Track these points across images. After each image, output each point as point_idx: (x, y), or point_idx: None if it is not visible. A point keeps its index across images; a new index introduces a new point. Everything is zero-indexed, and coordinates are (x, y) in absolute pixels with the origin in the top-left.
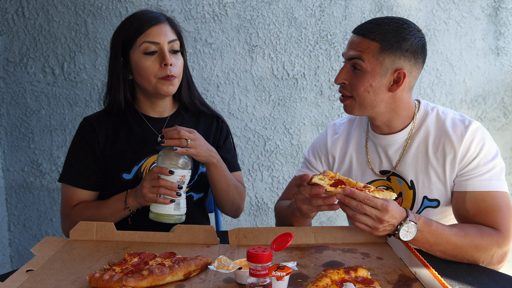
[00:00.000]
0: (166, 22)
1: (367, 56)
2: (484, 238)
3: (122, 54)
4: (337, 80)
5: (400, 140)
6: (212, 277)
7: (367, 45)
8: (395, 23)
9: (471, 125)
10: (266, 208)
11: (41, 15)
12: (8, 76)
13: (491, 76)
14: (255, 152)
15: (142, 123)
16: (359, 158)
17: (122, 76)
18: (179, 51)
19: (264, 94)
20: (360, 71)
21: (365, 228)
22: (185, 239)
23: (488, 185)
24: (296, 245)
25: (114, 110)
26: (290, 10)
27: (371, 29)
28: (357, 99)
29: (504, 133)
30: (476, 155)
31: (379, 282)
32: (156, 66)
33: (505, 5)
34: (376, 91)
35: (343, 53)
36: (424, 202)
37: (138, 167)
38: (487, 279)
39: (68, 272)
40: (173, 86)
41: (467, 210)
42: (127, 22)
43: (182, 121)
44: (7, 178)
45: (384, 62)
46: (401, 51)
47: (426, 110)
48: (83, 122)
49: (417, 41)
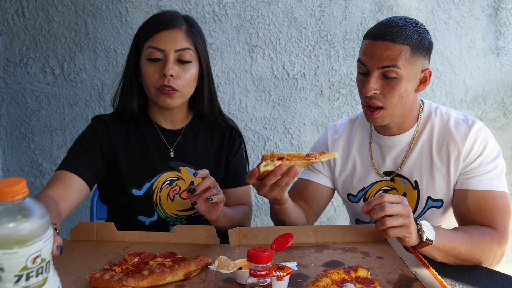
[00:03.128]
0: (180, 28)
1: (402, 62)
2: (486, 239)
3: (135, 55)
4: (368, 91)
5: (405, 141)
6: (212, 277)
7: (399, 50)
8: (411, 22)
9: (474, 124)
10: (266, 208)
11: (41, 15)
12: (8, 76)
13: (491, 76)
14: (255, 152)
15: (155, 134)
16: (363, 159)
17: (135, 79)
18: (188, 62)
19: (264, 94)
20: (396, 79)
21: (399, 232)
22: (185, 239)
23: (490, 185)
24: (296, 244)
25: (127, 115)
26: (290, 10)
27: (397, 32)
28: (389, 108)
29: (504, 133)
30: (479, 154)
31: (379, 282)
32: (156, 74)
33: (505, 5)
34: (409, 95)
35: (362, 60)
36: (428, 203)
37: (150, 184)
38: (487, 279)
39: (68, 272)
40: (172, 100)
41: (468, 208)
42: (143, 24)
43: (196, 134)
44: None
45: (416, 64)
46: (424, 50)
47: (430, 110)
48: (96, 120)
49: (430, 38)
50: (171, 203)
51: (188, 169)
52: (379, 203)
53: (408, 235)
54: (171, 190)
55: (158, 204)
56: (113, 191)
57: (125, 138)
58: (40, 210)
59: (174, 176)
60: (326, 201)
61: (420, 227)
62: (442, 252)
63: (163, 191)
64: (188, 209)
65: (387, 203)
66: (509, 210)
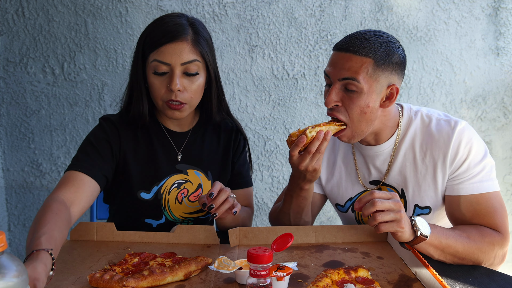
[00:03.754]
0: (186, 39)
1: (362, 75)
2: (485, 239)
3: (142, 60)
4: (328, 103)
5: (386, 151)
6: (213, 277)
7: (360, 63)
8: (380, 36)
9: (457, 126)
10: (266, 208)
11: (41, 15)
12: (8, 76)
13: (491, 76)
14: (255, 152)
15: (163, 136)
16: (348, 169)
17: (144, 87)
18: (195, 74)
19: (264, 94)
20: (356, 92)
21: (391, 227)
22: (186, 239)
23: (481, 187)
24: (297, 244)
25: (138, 122)
26: (290, 10)
27: (361, 44)
28: (352, 125)
29: (504, 133)
30: (465, 157)
31: (379, 282)
32: (163, 88)
33: (505, 5)
34: (372, 111)
35: (325, 71)
36: (416, 210)
37: (158, 188)
38: (487, 279)
39: (68, 272)
40: (180, 113)
41: (463, 213)
42: (149, 28)
43: (203, 136)
44: (7, 178)
45: (379, 79)
46: (392, 65)
47: (410, 116)
48: (105, 121)
49: (402, 53)
50: (179, 206)
51: (196, 171)
52: (369, 199)
53: (400, 229)
54: (179, 193)
55: (166, 207)
56: (120, 193)
57: (133, 140)
58: (16, 268)
59: (182, 179)
60: (318, 208)
61: (415, 223)
62: (439, 250)
63: (171, 194)
64: (195, 212)
65: (378, 199)
66: (504, 209)
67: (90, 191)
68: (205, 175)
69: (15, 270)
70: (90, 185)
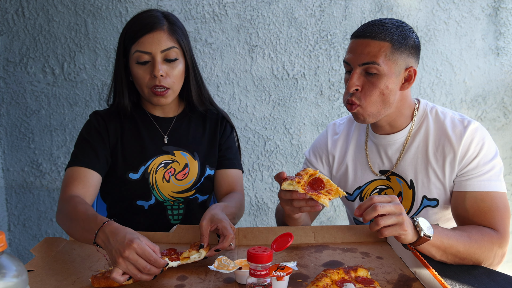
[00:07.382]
0: (163, 29)
1: (382, 58)
2: (485, 238)
3: (124, 55)
4: (350, 87)
5: (400, 140)
6: (212, 277)
7: (378, 47)
8: (395, 22)
9: (470, 125)
10: (266, 208)
11: (41, 15)
12: (8, 76)
13: (491, 76)
14: (255, 152)
15: (149, 122)
16: (359, 158)
17: (125, 79)
18: (175, 60)
19: (264, 94)
20: (377, 75)
21: (394, 231)
22: (185, 239)
23: (488, 186)
24: (296, 244)
25: (121, 113)
26: (290, 10)
27: (378, 30)
28: (367, 107)
29: (504, 133)
30: (476, 155)
31: (379, 282)
32: (147, 76)
33: (505, 5)
34: (391, 92)
35: (345, 59)
36: (424, 202)
37: (145, 167)
38: (487, 279)
39: (68, 273)
40: (165, 99)
41: (466, 210)
42: (127, 25)
43: (189, 122)
44: (7, 178)
45: (397, 62)
46: (408, 48)
47: (425, 110)
48: (94, 115)
49: (416, 38)
50: (167, 184)
51: (182, 152)
52: (369, 204)
53: (403, 232)
54: (166, 172)
55: (154, 186)
56: (112, 179)
57: (120, 129)
58: (16, 268)
59: (168, 159)
60: None
61: (417, 223)
62: (441, 250)
63: (158, 173)
64: (184, 191)
65: (378, 203)
66: (508, 210)
67: (95, 184)
68: (192, 155)
69: (15, 270)
70: (94, 178)
